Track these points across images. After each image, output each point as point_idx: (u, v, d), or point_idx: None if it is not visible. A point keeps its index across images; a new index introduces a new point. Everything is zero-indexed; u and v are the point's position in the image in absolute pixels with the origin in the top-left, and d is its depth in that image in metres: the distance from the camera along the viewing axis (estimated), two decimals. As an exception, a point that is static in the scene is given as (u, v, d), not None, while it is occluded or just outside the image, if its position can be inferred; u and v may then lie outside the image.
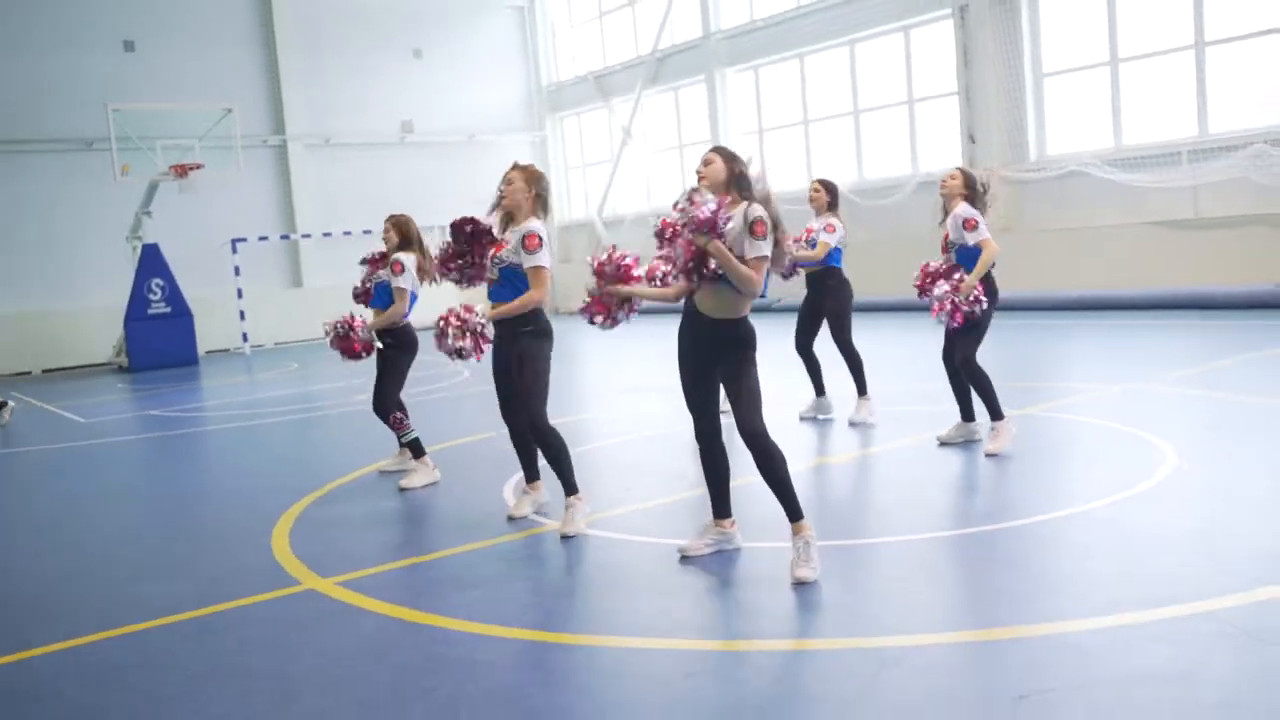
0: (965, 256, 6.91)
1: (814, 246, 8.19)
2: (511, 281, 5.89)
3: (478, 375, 12.20)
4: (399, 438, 7.61)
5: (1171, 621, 3.87)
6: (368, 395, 7.91)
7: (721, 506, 5.17)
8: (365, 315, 7.68)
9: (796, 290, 8.47)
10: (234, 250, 22.04)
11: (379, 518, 6.71)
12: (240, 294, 21.94)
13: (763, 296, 4.96)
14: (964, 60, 18.31)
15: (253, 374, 17.55)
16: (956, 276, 6.86)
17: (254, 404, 13.48)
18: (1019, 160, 17.49)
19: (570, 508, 5.79)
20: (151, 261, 19.61)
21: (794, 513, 4.75)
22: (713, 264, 4.72)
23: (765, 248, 4.79)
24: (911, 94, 19.60)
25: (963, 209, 6.93)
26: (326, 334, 7.58)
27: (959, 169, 7.34)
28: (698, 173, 5.04)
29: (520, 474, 6.49)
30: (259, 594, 5.12)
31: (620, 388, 12.41)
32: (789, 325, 8.88)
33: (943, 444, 7.23)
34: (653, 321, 13.63)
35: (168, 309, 19.74)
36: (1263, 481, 5.78)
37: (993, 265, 6.90)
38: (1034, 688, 3.42)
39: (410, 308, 7.51)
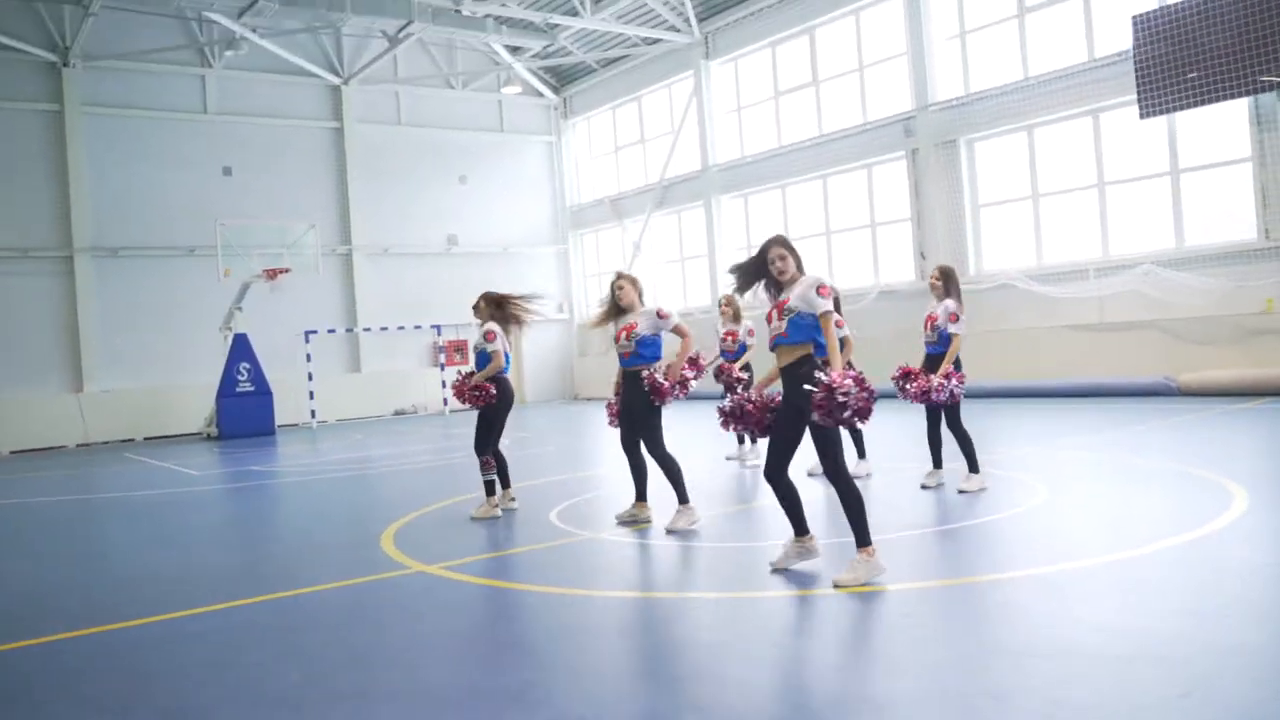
0: (946, 340, 7.98)
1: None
2: (651, 348, 7.42)
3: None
4: (482, 475, 8.55)
5: (1089, 570, 5.25)
6: (425, 458, 9.06)
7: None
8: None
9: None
10: (306, 340, 23.37)
11: (458, 531, 8.04)
12: (310, 377, 23.24)
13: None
14: (915, 192, 19.88)
15: (325, 443, 18.83)
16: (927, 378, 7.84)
17: (335, 463, 14.71)
18: (960, 274, 18.75)
19: (680, 513, 7.26)
20: (241, 348, 20.99)
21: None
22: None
23: (828, 304, 5.42)
24: (873, 219, 21.12)
25: (951, 304, 7.99)
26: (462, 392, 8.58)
27: (939, 268, 8.35)
28: (776, 269, 5.61)
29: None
30: (385, 572, 6.48)
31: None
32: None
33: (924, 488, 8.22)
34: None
35: (252, 388, 21.06)
36: (1099, 504, 7.17)
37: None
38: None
39: (507, 366, 8.62)
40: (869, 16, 20.89)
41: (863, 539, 5.37)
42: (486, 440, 8.58)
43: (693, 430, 13.82)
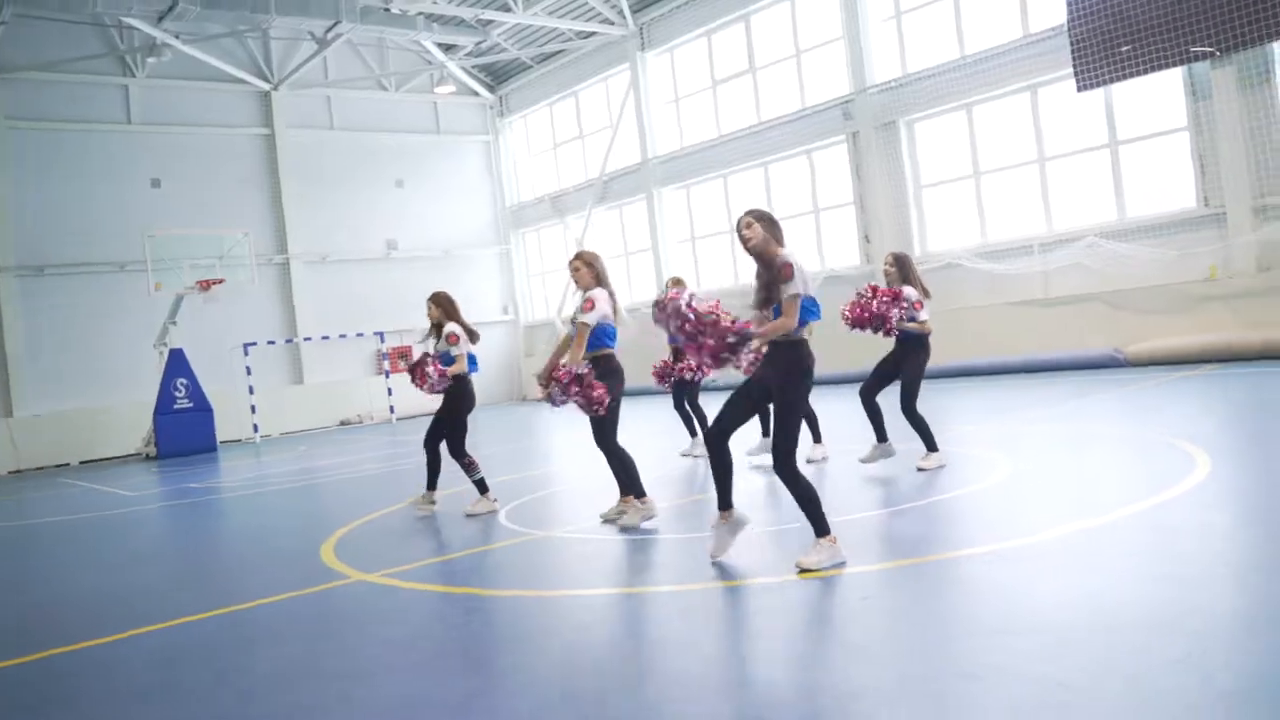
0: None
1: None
2: (596, 333, 6.82)
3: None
4: (470, 477, 8.27)
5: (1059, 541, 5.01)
6: (370, 467, 8.75)
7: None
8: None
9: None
10: (245, 353, 22.73)
11: (401, 537, 7.69)
12: (251, 390, 22.61)
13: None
14: (857, 176, 19.78)
15: (268, 457, 18.30)
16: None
17: (276, 476, 14.26)
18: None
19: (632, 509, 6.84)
20: (176, 364, 20.29)
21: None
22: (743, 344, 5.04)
23: (795, 287, 5.02)
24: (816, 204, 21.00)
25: (910, 292, 7.71)
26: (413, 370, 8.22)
27: (892, 254, 8.10)
28: (743, 238, 5.23)
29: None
30: (323, 583, 6.11)
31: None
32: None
33: (863, 461, 7.96)
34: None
35: (191, 404, 20.37)
36: (1062, 475, 6.99)
37: (928, 334, 7.79)
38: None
39: (472, 367, 8.36)
40: (805, 1, 20.73)
41: (821, 529, 5.11)
42: (460, 442, 8.31)
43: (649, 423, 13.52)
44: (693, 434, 10.38)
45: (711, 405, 10.05)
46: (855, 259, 19.90)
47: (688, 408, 10.35)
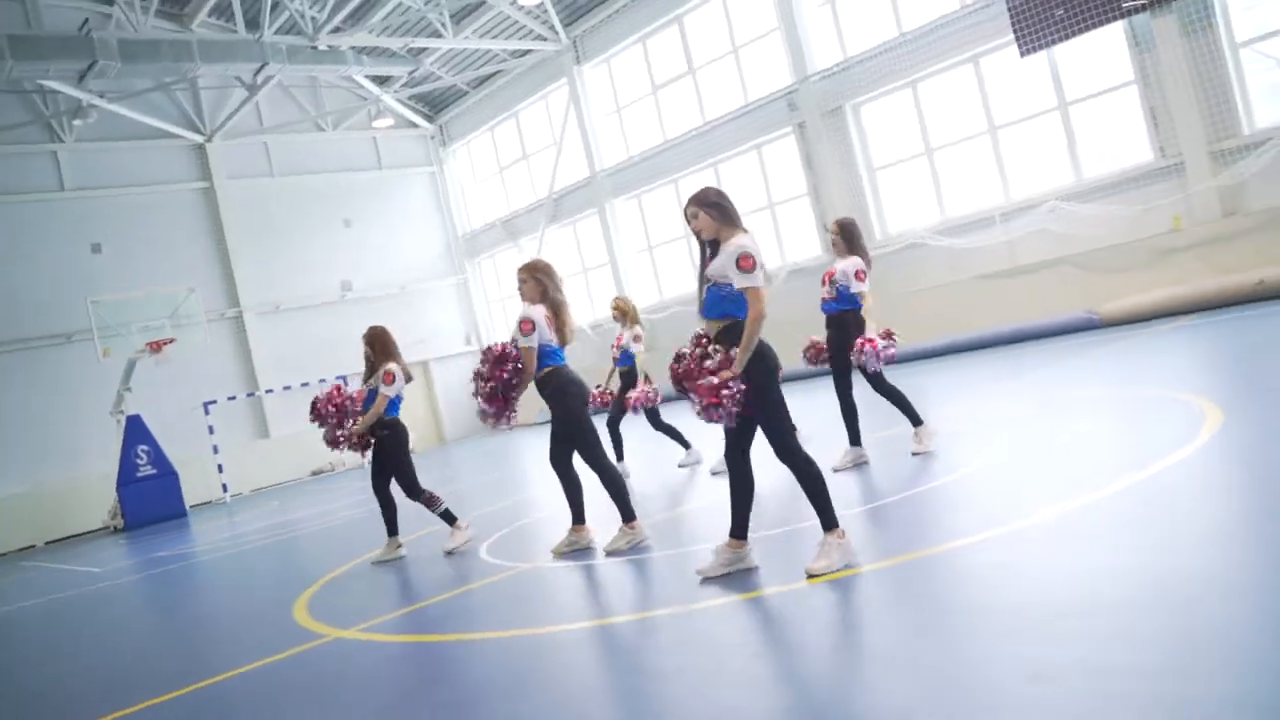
0: (846, 298, 7.24)
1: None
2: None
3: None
4: (435, 511, 7.87)
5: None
6: (344, 514, 8.35)
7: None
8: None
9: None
10: (206, 412, 22.10)
11: (377, 586, 7.24)
12: (216, 449, 21.99)
13: None
14: (808, 165, 19.52)
15: (239, 515, 17.72)
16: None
17: (248, 535, 13.75)
18: (866, 239, 18.40)
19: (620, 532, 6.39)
20: (136, 431, 19.68)
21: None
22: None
23: (756, 279, 4.62)
24: (770, 199, 20.71)
25: (856, 261, 7.23)
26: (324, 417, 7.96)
27: (836, 221, 7.57)
28: (693, 229, 4.92)
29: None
30: (297, 646, 5.65)
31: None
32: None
33: (836, 470, 7.26)
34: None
35: (154, 470, 19.74)
36: (1062, 446, 6.67)
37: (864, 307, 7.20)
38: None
39: (396, 408, 7.94)
40: (736, -3, 20.52)
41: (829, 521, 4.72)
42: (411, 481, 7.90)
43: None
44: (685, 445, 9.95)
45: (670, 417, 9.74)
46: (815, 250, 19.61)
47: (665, 422, 10.02)
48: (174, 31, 21.78)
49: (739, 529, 4.97)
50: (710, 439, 9.05)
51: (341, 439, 7.94)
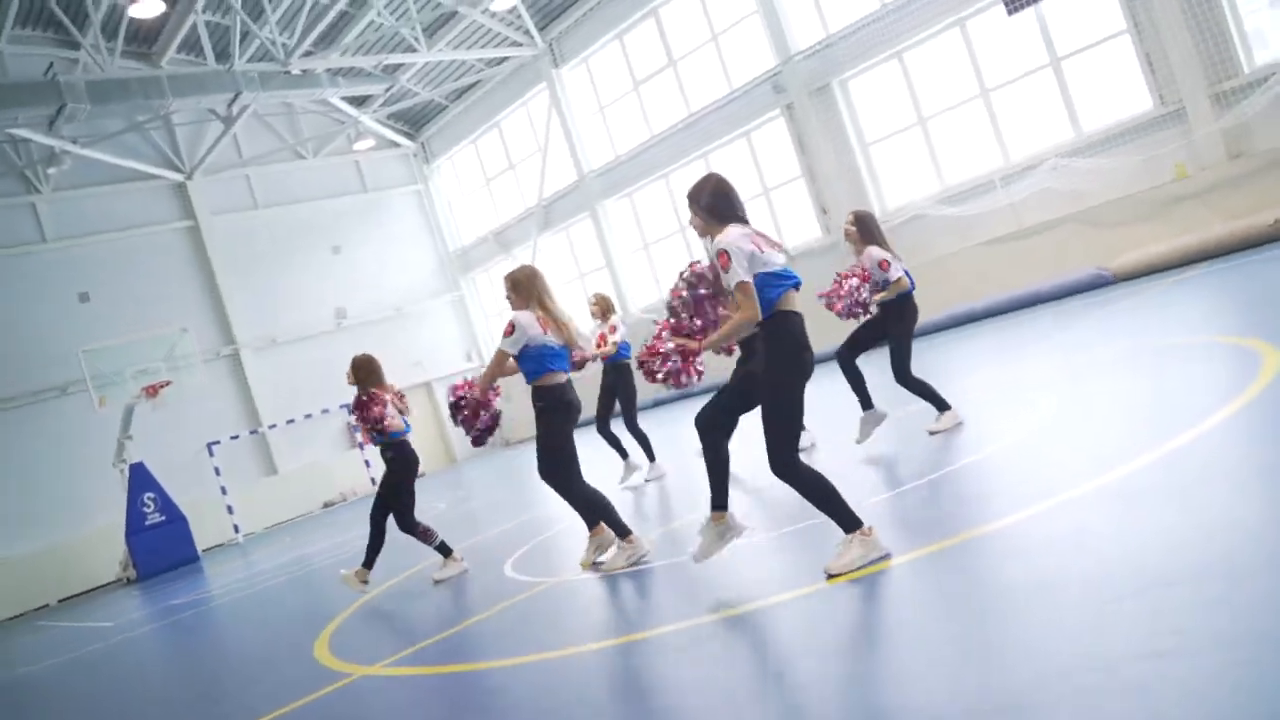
0: (884, 288, 7.17)
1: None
2: (530, 363, 6.03)
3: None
4: (430, 544, 7.65)
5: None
6: (359, 544, 8.06)
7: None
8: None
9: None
10: (211, 453, 21.78)
11: (400, 617, 6.90)
12: (224, 490, 21.66)
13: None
14: (800, 147, 19.20)
15: (253, 555, 17.40)
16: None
17: (262, 575, 13.41)
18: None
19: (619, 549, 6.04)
20: (140, 479, 19.31)
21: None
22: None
23: (737, 274, 4.32)
24: (765, 185, 20.40)
25: (875, 251, 7.14)
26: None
27: (852, 213, 7.48)
28: (695, 228, 4.68)
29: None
30: (322, 688, 5.32)
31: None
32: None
33: (859, 443, 7.21)
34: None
35: (163, 517, 19.37)
36: (1101, 407, 6.32)
37: (911, 289, 7.16)
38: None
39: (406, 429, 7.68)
40: (710, -18, 20.19)
41: (849, 525, 4.34)
42: (405, 513, 7.65)
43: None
44: (651, 457, 9.67)
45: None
46: (816, 232, 19.30)
47: (640, 428, 9.72)
48: (142, 70, 21.47)
49: (719, 500, 4.78)
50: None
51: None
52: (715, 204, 4.55)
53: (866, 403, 7.28)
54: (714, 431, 4.77)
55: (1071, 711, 2.47)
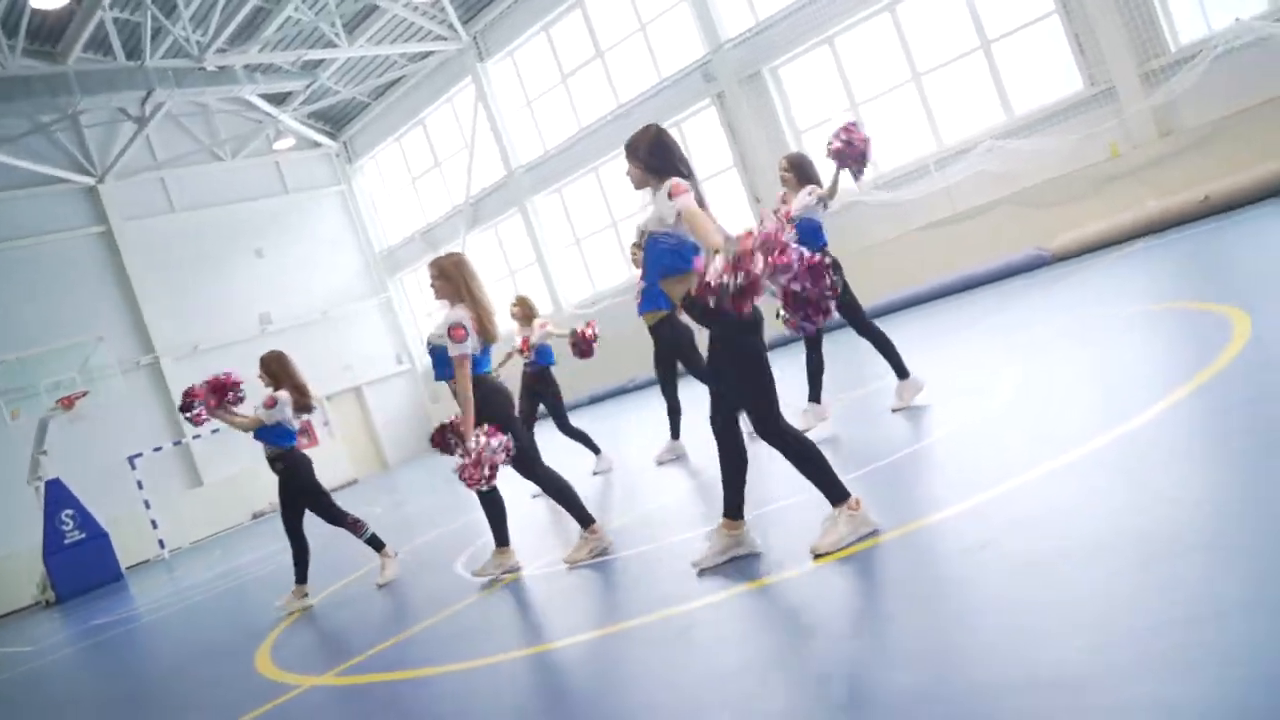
0: (806, 229, 6.69)
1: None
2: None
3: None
4: (361, 537, 7.40)
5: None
6: (289, 554, 7.74)
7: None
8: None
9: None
10: (133, 466, 20.99)
11: (346, 624, 6.54)
12: (148, 504, 20.85)
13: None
14: (732, 136, 19.07)
15: (180, 570, 16.74)
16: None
17: (191, 589, 12.86)
18: (801, 206, 18.18)
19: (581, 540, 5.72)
20: (57, 495, 18.44)
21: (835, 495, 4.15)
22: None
23: (683, 200, 4.24)
24: (698, 175, 20.17)
25: (808, 189, 6.82)
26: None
27: (785, 157, 7.13)
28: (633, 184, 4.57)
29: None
30: (269, 701, 4.95)
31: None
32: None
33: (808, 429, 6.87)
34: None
35: (82, 535, 18.53)
36: (1060, 384, 6.20)
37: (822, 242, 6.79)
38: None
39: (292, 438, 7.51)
40: (637, -28, 19.96)
41: (837, 495, 4.11)
42: (327, 507, 7.42)
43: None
44: (595, 451, 9.40)
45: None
46: (749, 222, 19.14)
47: (574, 426, 9.45)
48: (46, 68, 20.59)
49: (733, 508, 4.39)
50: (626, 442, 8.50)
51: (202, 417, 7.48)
52: (654, 156, 4.42)
53: (902, 370, 6.87)
54: (727, 429, 4.37)
55: (1066, 702, 2.26)
